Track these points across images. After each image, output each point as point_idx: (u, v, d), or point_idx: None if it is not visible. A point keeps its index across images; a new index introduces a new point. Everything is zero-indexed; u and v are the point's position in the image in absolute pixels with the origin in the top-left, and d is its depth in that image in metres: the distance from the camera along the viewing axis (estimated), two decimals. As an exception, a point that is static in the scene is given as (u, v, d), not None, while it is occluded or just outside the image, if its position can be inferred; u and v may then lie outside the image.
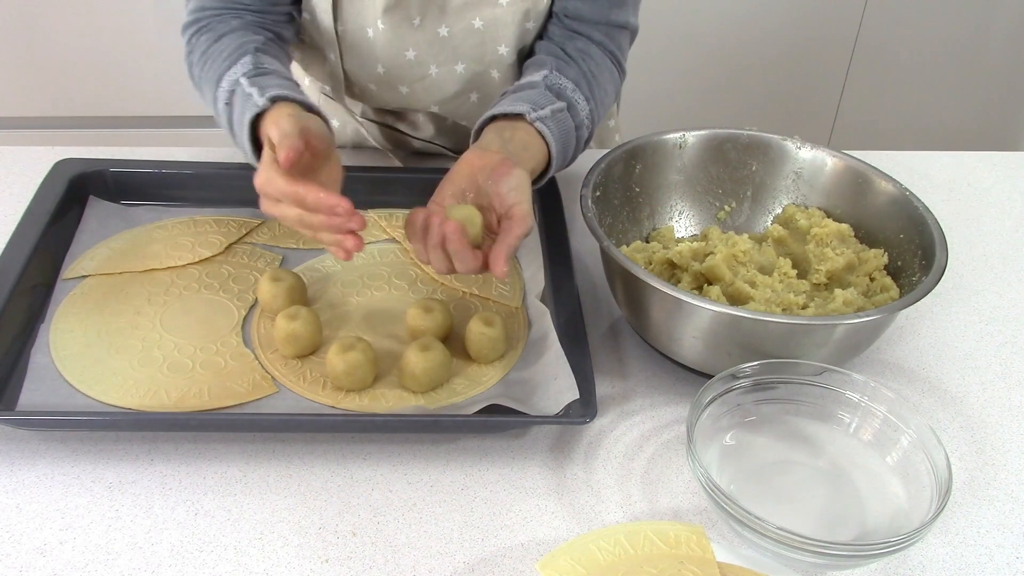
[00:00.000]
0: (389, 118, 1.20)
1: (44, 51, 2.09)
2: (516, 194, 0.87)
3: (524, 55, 1.08)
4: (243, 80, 0.91)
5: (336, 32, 1.05)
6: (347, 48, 1.07)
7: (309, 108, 0.90)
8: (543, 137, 0.94)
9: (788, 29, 2.31)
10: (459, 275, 1.00)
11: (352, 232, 0.81)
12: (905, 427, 0.81)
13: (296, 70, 1.24)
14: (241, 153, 0.93)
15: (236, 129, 0.91)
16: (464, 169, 0.89)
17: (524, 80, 1.01)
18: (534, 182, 0.94)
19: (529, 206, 0.87)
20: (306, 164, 0.83)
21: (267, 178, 0.81)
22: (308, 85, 1.24)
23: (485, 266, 0.84)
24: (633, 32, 1.09)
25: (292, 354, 0.90)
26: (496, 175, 0.87)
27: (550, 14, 1.06)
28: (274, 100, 0.88)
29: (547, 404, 0.84)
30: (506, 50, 1.06)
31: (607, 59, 1.06)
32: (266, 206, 0.84)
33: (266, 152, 0.84)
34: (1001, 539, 0.80)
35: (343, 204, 0.79)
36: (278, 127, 0.81)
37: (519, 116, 0.94)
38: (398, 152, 1.24)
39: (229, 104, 0.92)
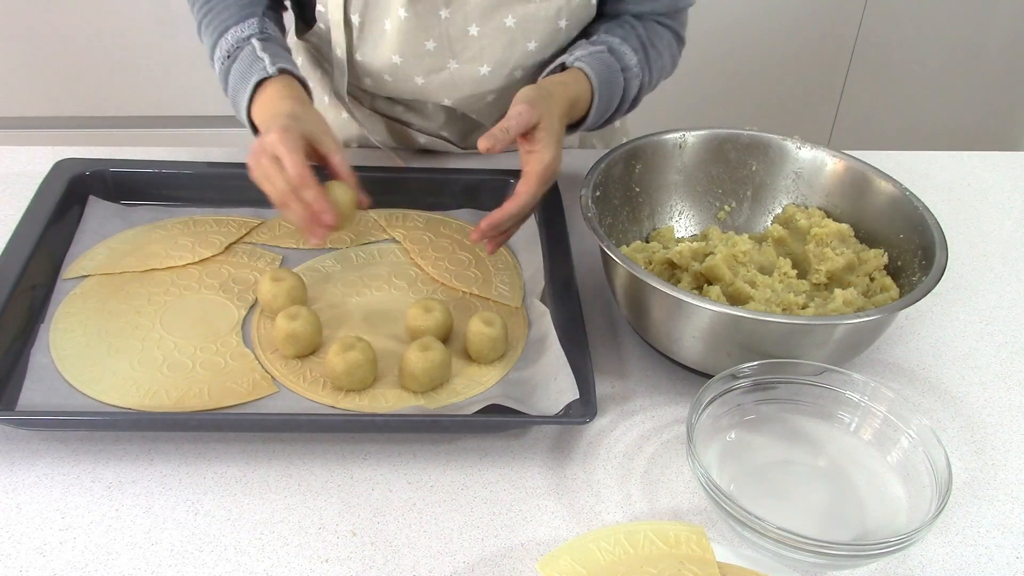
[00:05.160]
0: (399, 108, 1.20)
1: (44, 51, 2.09)
2: (543, 145, 0.91)
3: (550, 58, 1.08)
4: (255, 42, 1.00)
5: (348, 21, 1.04)
6: (360, 37, 1.06)
7: (304, 84, 1.00)
8: (583, 72, 1.00)
9: (788, 29, 2.31)
10: (459, 275, 1.01)
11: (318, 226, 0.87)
12: (905, 427, 0.81)
13: (302, 69, 1.23)
14: (230, 117, 1.01)
15: (236, 83, 0.99)
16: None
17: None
18: (579, 123, 1.01)
19: (543, 171, 0.91)
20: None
21: (300, 163, 0.86)
22: (321, 78, 1.23)
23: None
24: (690, 3, 1.15)
25: (292, 354, 0.90)
26: (519, 123, 0.89)
27: (599, 15, 1.09)
28: (280, 71, 0.97)
29: (547, 404, 0.84)
30: (535, 46, 1.06)
31: (667, 32, 1.11)
32: (259, 168, 0.88)
33: (298, 137, 0.88)
34: (1001, 539, 0.80)
35: (327, 220, 0.86)
36: (334, 138, 0.92)
37: (559, 67, 1.01)
38: (401, 151, 1.24)
39: (231, 58, 1.00)
